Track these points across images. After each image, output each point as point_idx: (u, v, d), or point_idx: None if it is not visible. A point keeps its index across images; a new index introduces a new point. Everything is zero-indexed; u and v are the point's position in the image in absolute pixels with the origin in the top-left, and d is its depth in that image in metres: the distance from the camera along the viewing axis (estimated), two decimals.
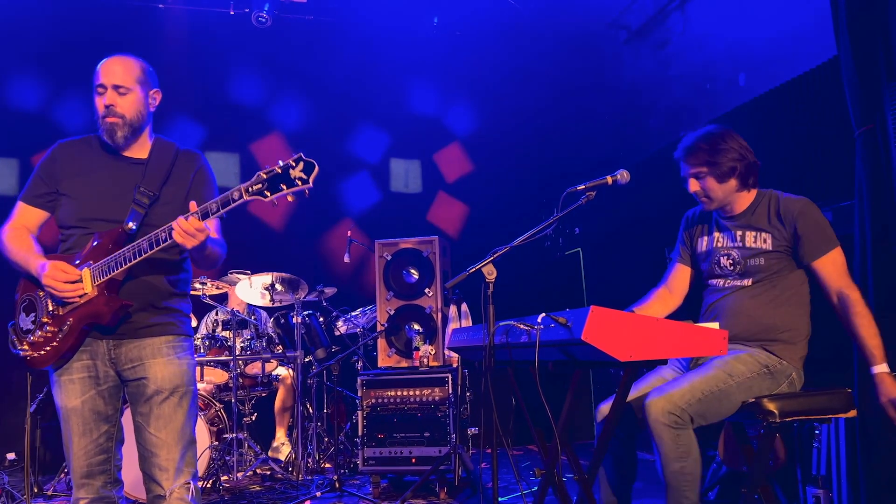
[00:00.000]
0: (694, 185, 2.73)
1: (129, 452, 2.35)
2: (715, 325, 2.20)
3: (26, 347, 2.30)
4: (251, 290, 5.25)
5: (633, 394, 2.65)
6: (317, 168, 2.10)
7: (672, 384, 2.49)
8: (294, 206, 6.89)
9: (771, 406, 2.41)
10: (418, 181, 7.27)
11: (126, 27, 6.07)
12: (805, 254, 2.57)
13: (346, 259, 5.48)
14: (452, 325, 4.46)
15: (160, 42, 6.26)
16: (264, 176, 2.11)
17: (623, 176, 2.56)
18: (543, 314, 2.20)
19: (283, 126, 6.90)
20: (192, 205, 2.16)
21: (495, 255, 2.50)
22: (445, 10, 6.74)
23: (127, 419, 2.43)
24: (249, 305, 5.56)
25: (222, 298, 5.68)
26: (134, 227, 2.29)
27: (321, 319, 5.36)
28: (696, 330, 2.13)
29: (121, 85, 2.35)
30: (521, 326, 2.31)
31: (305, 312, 5.14)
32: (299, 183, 2.09)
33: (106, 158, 2.42)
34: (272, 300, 5.29)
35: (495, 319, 2.41)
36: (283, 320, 5.26)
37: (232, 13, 6.37)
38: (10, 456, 5.49)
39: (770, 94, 4.13)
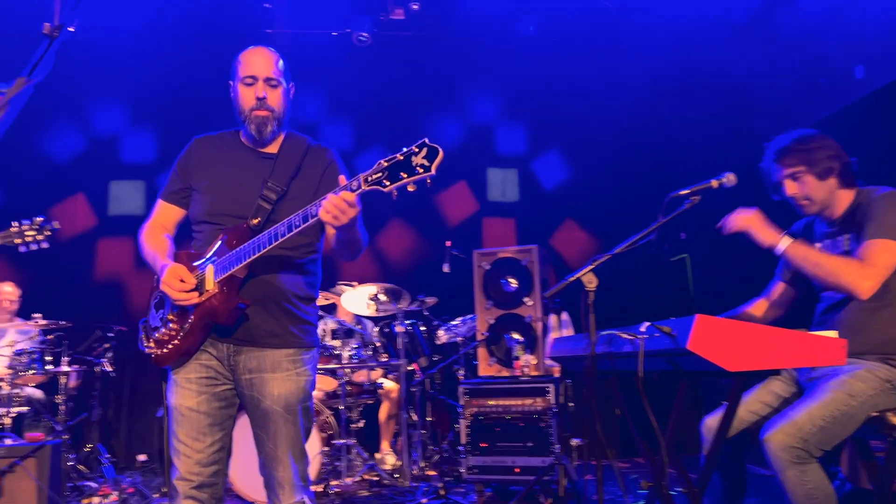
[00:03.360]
0: (791, 188, 2.59)
1: (237, 451, 2.31)
2: (833, 334, 2.07)
3: (152, 345, 2.25)
4: (357, 300, 5.42)
5: (743, 405, 2.54)
6: (441, 154, 1.91)
7: (788, 414, 2.33)
8: (394, 217, 7.05)
9: None
10: (515, 189, 7.27)
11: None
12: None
13: (446, 269, 5.55)
14: (553, 335, 4.43)
15: None
16: (385, 164, 1.94)
17: (729, 179, 2.47)
18: (647, 323, 2.15)
19: (381, 139, 7.09)
20: (342, 178, 2.00)
21: (596, 263, 2.47)
22: (541, 16, 6.73)
23: (245, 423, 2.38)
24: (356, 315, 5.74)
25: (331, 308, 5.89)
26: (258, 223, 2.19)
27: (423, 328, 5.47)
28: (811, 339, 2.02)
29: (272, 77, 2.29)
30: (625, 336, 2.27)
31: (408, 322, 5.25)
32: (421, 171, 1.91)
33: (239, 153, 2.36)
34: (377, 310, 5.44)
35: (597, 328, 2.38)
36: (386, 329, 5.40)
37: (334, 34, 6.61)
38: (142, 458, 5.89)
39: (892, 85, 3.87)
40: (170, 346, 2.19)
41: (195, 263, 2.23)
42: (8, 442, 4.39)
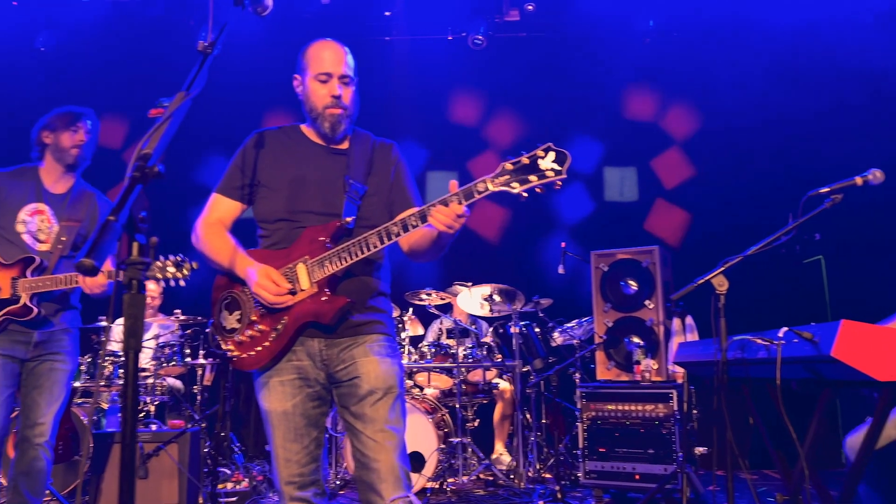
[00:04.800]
0: None
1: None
2: None
3: (233, 348, 2.17)
4: (472, 300, 5.47)
5: (891, 422, 2.36)
6: (569, 158, 1.91)
7: None
8: (508, 218, 7.06)
9: None
10: (634, 189, 7.08)
11: (359, 59, 6.65)
12: None
13: (561, 270, 5.49)
14: (677, 339, 4.28)
15: (387, 71, 6.78)
16: (510, 167, 1.94)
17: (876, 176, 2.31)
18: (786, 328, 2.04)
19: (496, 142, 7.11)
20: (453, 184, 2.00)
21: (727, 266, 2.38)
22: (661, 12, 6.54)
23: None
24: (470, 315, 5.80)
25: (446, 308, 5.97)
26: (351, 221, 2.17)
27: (537, 330, 5.44)
28: None
29: (346, 75, 2.24)
30: (759, 341, 2.17)
31: (522, 323, 5.25)
32: (551, 174, 1.91)
33: (311, 149, 2.30)
34: (491, 310, 5.47)
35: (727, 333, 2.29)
36: (501, 330, 5.42)
37: (450, 38, 6.71)
38: (268, 447, 6.20)
39: None
40: (258, 349, 2.13)
41: (278, 263, 2.15)
42: (153, 428, 4.77)
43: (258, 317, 2.14)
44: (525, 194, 1.93)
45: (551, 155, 1.91)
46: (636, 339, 4.38)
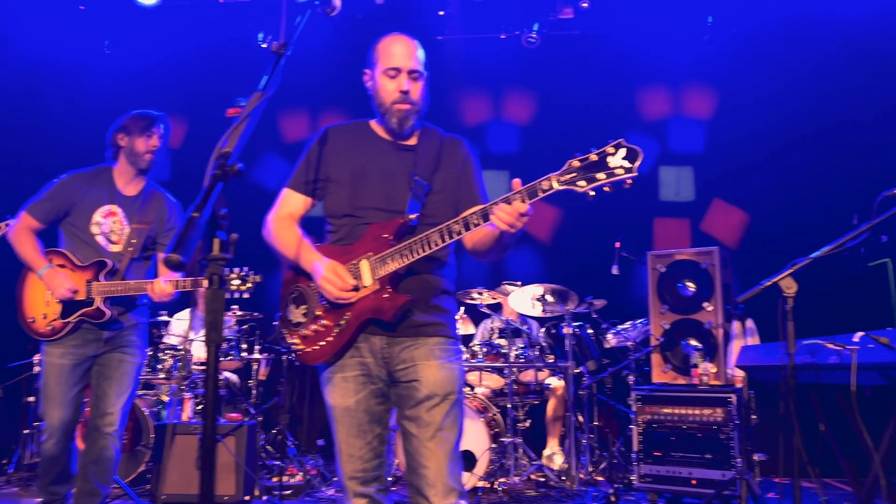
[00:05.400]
0: None
1: None
2: None
3: (298, 341, 2.19)
4: (523, 300, 5.44)
5: None
6: (641, 155, 1.84)
7: None
8: (560, 217, 7.00)
9: None
10: (690, 188, 6.94)
11: None
12: None
13: (615, 271, 5.42)
14: (736, 343, 4.19)
15: (440, 71, 6.80)
16: (577, 164, 1.87)
17: None
18: (861, 333, 1.98)
19: (549, 141, 7.06)
20: (517, 182, 1.94)
21: (795, 268, 2.32)
22: (720, 8, 6.39)
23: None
24: (521, 315, 5.77)
25: (496, 308, 5.96)
26: (415, 219, 2.15)
27: (591, 331, 5.38)
28: None
29: (415, 69, 2.22)
30: (831, 346, 2.10)
31: (575, 324, 5.20)
32: (621, 172, 1.83)
33: (378, 144, 2.29)
34: (543, 310, 5.43)
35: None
36: (553, 331, 5.37)
37: (503, 37, 6.69)
38: (320, 442, 6.29)
39: None
40: (322, 344, 2.14)
41: (343, 259, 2.15)
42: None
43: (323, 311, 2.15)
44: (592, 193, 1.86)
45: (622, 151, 1.84)
46: (694, 342, 4.30)
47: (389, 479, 2.07)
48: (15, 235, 3.26)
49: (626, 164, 1.83)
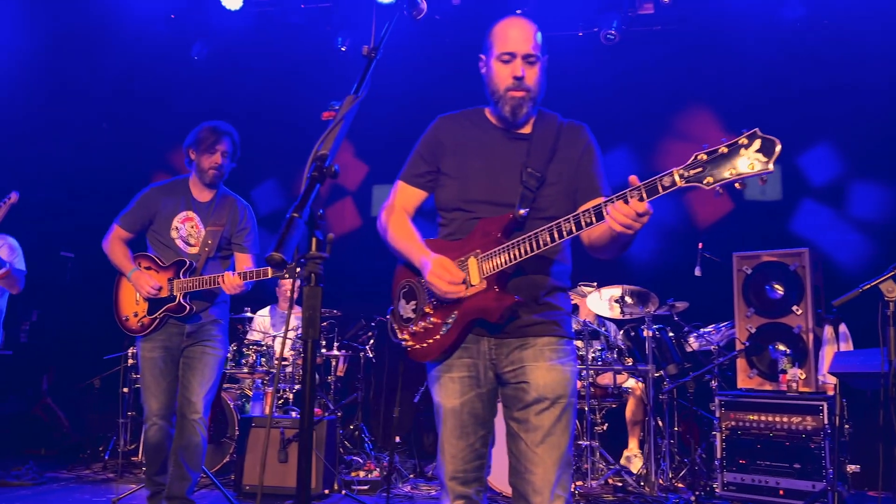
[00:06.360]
0: None
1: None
2: None
3: (407, 337, 2.15)
4: (600, 302, 5.36)
5: None
6: (778, 146, 1.63)
7: None
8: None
9: None
10: (777, 187, 6.67)
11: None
12: None
13: (697, 272, 5.27)
14: (828, 348, 4.01)
15: None
16: (704, 157, 1.71)
17: None
18: None
19: (630, 139, 6.93)
20: (634, 179, 1.80)
21: None
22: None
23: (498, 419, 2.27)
24: (598, 317, 5.68)
25: (573, 309, 5.90)
26: (525, 213, 2.04)
27: (671, 334, 5.25)
28: None
29: (531, 53, 2.10)
30: None
31: (656, 326, 5.08)
32: (754, 166, 1.65)
33: (491, 134, 2.18)
34: (622, 312, 5.33)
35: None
36: (633, 333, 5.27)
37: (581, 34, 6.61)
38: (397, 439, 6.38)
39: None
40: (429, 341, 2.09)
41: (452, 255, 2.07)
42: (293, 415, 5.03)
43: (431, 308, 2.10)
44: (721, 190, 1.69)
45: (756, 143, 1.64)
46: (782, 347, 4.14)
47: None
48: (108, 245, 3.63)
49: (761, 157, 1.64)
